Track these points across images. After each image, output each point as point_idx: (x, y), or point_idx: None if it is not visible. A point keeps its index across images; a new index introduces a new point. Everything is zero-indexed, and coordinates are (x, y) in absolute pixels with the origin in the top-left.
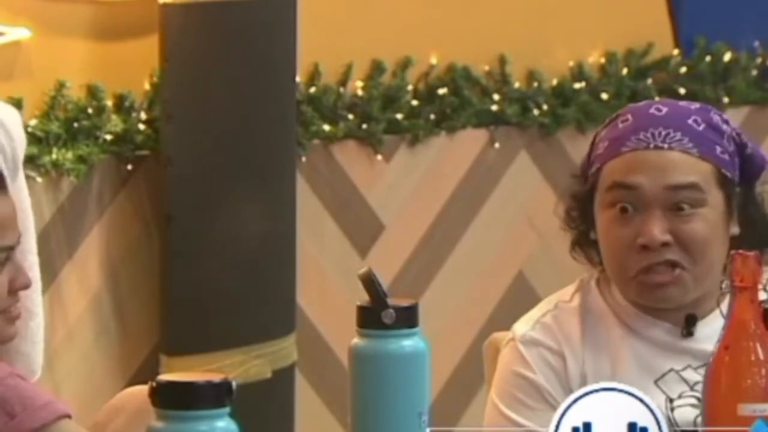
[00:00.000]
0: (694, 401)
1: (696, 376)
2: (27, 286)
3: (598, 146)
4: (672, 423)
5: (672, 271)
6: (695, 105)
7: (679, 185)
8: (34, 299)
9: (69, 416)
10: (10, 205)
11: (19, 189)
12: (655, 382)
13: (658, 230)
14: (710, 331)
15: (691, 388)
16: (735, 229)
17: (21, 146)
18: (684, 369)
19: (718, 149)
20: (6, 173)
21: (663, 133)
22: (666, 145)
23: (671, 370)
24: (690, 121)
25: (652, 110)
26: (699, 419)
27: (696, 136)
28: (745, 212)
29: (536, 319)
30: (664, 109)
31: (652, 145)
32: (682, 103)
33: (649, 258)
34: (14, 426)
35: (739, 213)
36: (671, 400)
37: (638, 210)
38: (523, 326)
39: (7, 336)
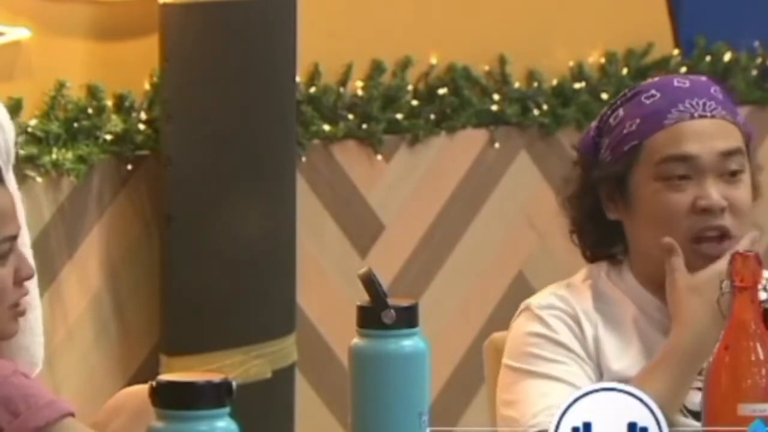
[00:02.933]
0: (701, 385)
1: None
2: (31, 276)
3: (623, 124)
4: (681, 405)
5: (720, 244)
6: (702, 77)
7: (731, 151)
8: (32, 292)
9: (72, 414)
10: (9, 196)
11: (10, 182)
12: None
13: (717, 195)
14: None
15: (698, 374)
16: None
17: (11, 140)
18: None
19: (739, 116)
20: (1, 165)
21: (700, 102)
22: (708, 114)
23: None
24: (713, 91)
25: (676, 83)
26: (701, 394)
27: (723, 104)
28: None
29: (550, 291)
30: (686, 82)
31: (696, 114)
32: (689, 76)
33: (707, 221)
34: (18, 424)
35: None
36: None
37: (692, 178)
38: (537, 297)
39: (11, 332)
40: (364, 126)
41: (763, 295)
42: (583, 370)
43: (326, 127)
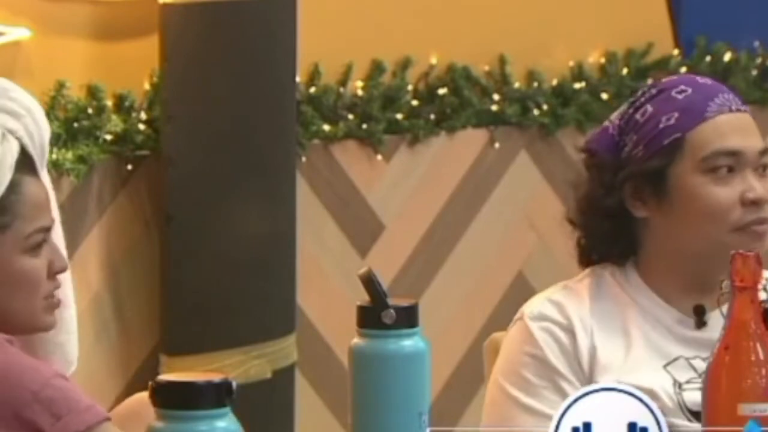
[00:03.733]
0: (701, 385)
1: (704, 365)
2: (65, 268)
3: (657, 118)
4: (681, 405)
5: (764, 225)
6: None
7: (765, 149)
8: (67, 290)
9: (109, 419)
10: (43, 188)
11: (44, 178)
12: (664, 366)
13: (761, 187)
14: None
15: (700, 375)
16: None
17: (46, 136)
18: (693, 358)
19: None
20: (35, 159)
21: (731, 97)
22: (742, 108)
23: (681, 357)
24: (728, 87)
25: (700, 80)
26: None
27: (743, 102)
28: None
29: (546, 296)
30: (707, 79)
31: (734, 108)
32: (699, 76)
33: (755, 213)
34: (60, 428)
35: None
36: (680, 384)
37: (735, 171)
38: (532, 305)
39: (48, 324)
40: (364, 126)
41: (763, 295)
42: (565, 396)
43: (326, 127)
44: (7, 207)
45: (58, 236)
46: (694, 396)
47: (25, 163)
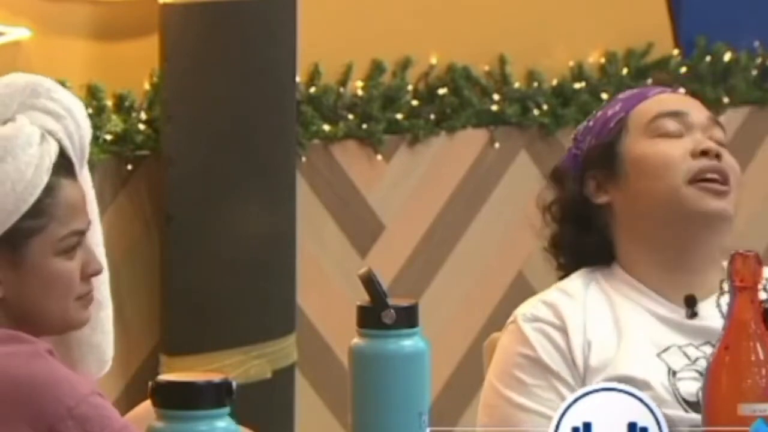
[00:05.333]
0: (695, 375)
1: (697, 352)
2: (99, 271)
3: (604, 114)
4: (677, 395)
5: (722, 185)
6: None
7: (715, 118)
8: (103, 290)
9: None
10: (80, 190)
11: (85, 180)
12: (658, 354)
13: (712, 143)
14: (713, 311)
15: (693, 363)
16: None
17: (87, 136)
18: (686, 346)
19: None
20: (74, 161)
21: (678, 91)
22: (684, 94)
23: (673, 345)
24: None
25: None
26: (701, 393)
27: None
28: None
29: (538, 299)
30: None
31: (677, 91)
32: None
33: (707, 163)
34: None
35: None
36: (674, 373)
37: (684, 135)
38: (525, 306)
39: (82, 320)
40: (364, 126)
41: (763, 295)
42: (559, 395)
43: (326, 127)
44: (43, 209)
45: (96, 236)
46: (688, 386)
47: (64, 165)
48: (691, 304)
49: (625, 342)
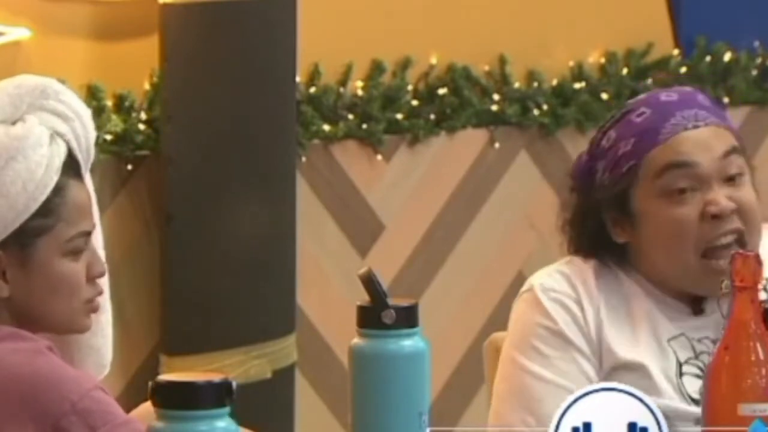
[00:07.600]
0: (697, 371)
1: (702, 347)
2: (103, 273)
3: (617, 146)
4: (681, 389)
5: (740, 245)
6: (686, 88)
7: (728, 151)
8: (104, 294)
9: None
10: (87, 192)
11: (87, 181)
12: (668, 341)
13: (724, 199)
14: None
15: (696, 357)
16: None
17: (92, 138)
18: (692, 338)
19: (729, 120)
20: (81, 162)
21: (691, 113)
22: (702, 123)
23: (683, 334)
24: (700, 99)
25: (663, 98)
26: (701, 391)
27: (713, 110)
28: None
29: (553, 268)
30: (674, 95)
31: (690, 125)
32: (674, 88)
33: (719, 227)
34: None
35: None
36: (681, 365)
37: (696, 189)
38: (541, 276)
39: (85, 327)
40: (364, 126)
41: (763, 295)
42: (579, 367)
43: (326, 127)
44: (52, 210)
45: (98, 239)
46: (694, 383)
47: (71, 166)
48: (697, 303)
49: (636, 328)
